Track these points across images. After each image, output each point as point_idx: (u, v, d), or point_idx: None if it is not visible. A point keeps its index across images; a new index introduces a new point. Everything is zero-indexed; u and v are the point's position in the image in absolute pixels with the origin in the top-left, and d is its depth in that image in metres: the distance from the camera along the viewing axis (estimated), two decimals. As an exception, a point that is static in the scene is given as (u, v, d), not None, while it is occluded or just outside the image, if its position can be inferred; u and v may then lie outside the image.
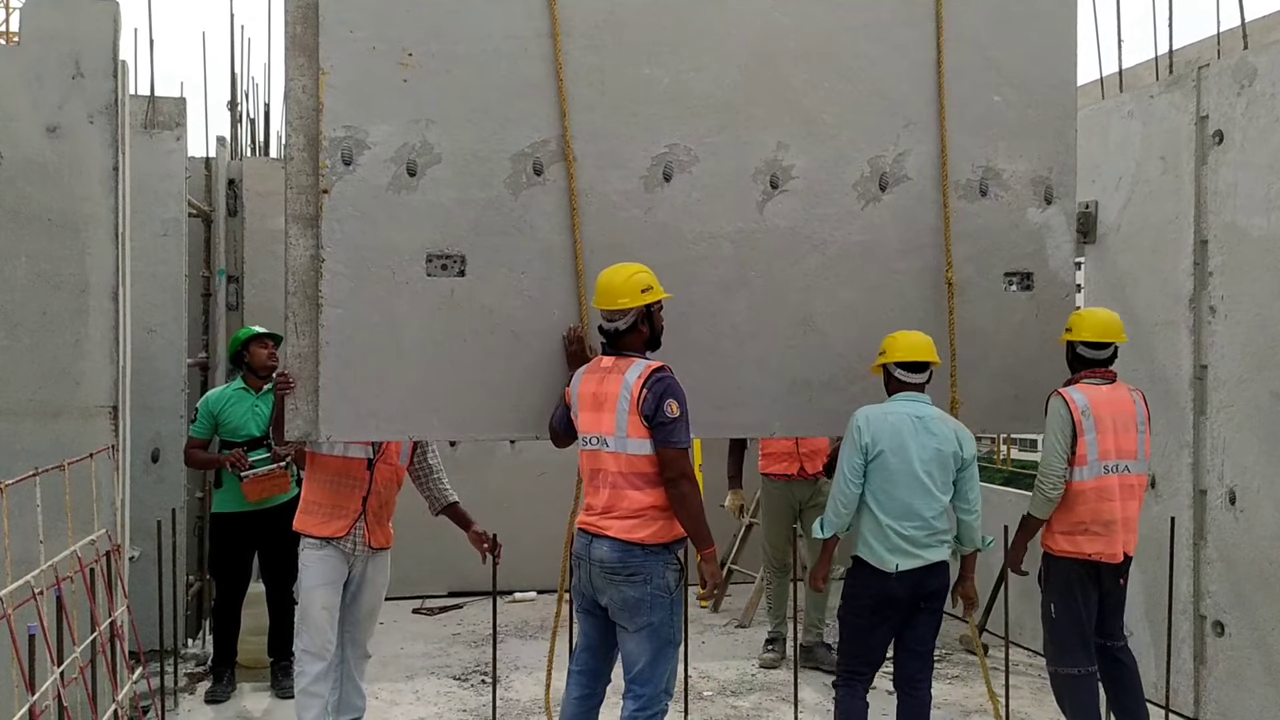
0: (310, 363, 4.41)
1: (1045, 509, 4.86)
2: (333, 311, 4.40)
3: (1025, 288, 5.25)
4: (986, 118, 5.16)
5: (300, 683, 4.81)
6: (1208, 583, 5.70)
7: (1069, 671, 4.90)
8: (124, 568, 4.99)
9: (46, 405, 5.02)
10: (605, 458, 4.16)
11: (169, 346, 6.79)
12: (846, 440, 4.54)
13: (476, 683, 6.45)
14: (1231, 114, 5.56)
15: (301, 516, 4.92)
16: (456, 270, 4.53)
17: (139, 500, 6.15)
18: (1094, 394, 4.85)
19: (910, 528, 4.48)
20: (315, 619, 4.79)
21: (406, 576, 8.54)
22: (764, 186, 4.89)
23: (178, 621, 6.05)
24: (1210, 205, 5.69)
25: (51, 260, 5.02)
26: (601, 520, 4.16)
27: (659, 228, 4.77)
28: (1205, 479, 5.70)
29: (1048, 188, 5.25)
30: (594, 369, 4.29)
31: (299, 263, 4.44)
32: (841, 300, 4.97)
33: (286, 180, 4.45)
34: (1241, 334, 5.51)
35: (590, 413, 4.21)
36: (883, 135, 5.02)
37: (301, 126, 4.43)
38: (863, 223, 5.01)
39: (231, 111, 8.74)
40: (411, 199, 4.49)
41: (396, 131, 4.47)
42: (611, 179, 4.72)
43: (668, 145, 4.77)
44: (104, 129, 5.08)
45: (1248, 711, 5.45)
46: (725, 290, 4.85)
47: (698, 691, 6.27)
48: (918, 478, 4.48)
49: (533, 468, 8.65)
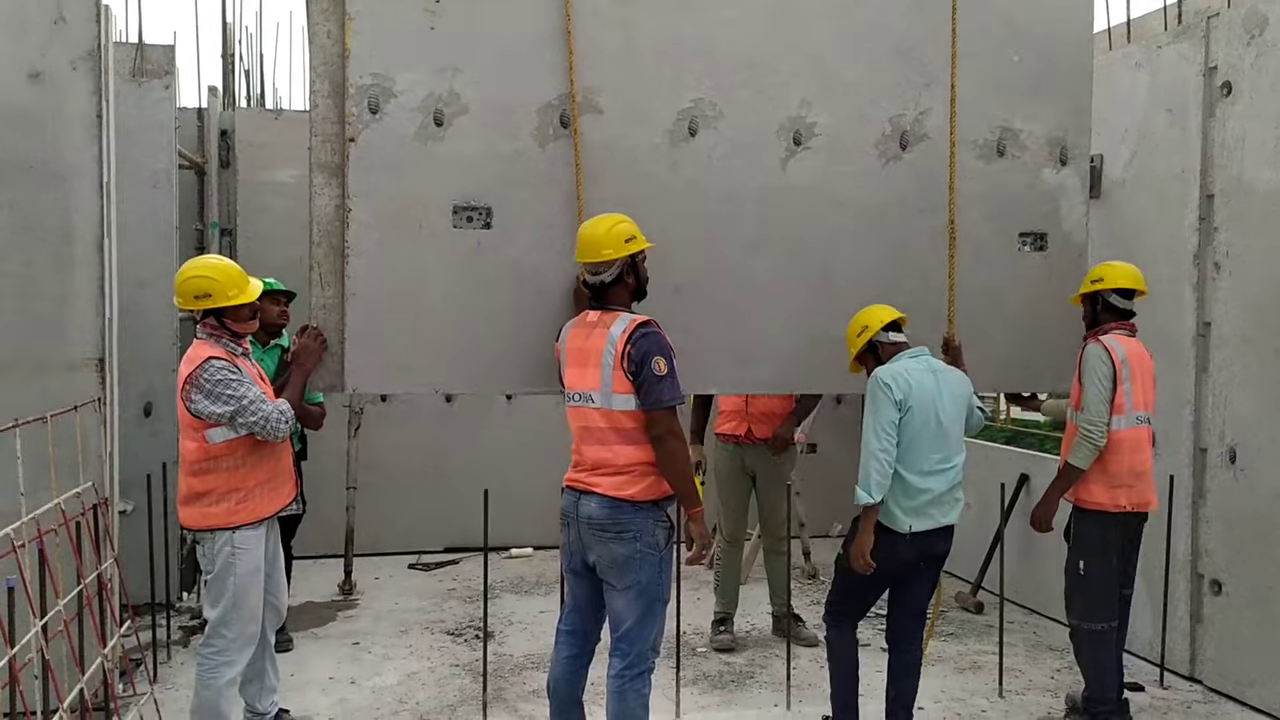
0: (336, 314, 4.38)
1: (1090, 458, 4.84)
2: (358, 262, 4.35)
3: (1039, 248, 5.24)
4: (1005, 78, 5.13)
5: (226, 673, 4.39)
6: (1206, 541, 5.65)
7: (1094, 627, 4.95)
8: (112, 521, 4.94)
9: (33, 357, 4.95)
10: (591, 414, 4.07)
11: (159, 299, 6.68)
12: (875, 399, 4.40)
13: (470, 638, 6.44)
14: (1240, 65, 5.43)
15: (241, 507, 4.36)
16: (483, 222, 4.49)
17: (132, 454, 6.09)
18: (1128, 344, 4.92)
19: (933, 483, 4.41)
20: (253, 606, 4.42)
21: (404, 532, 8.60)
22: (787, 143, 4.86)
23: (169, 575, 6.02)
24: (1217, 158, 5.58)
25: (35, 210, 4.93)
26: (590, 477, 4.09)
27: (684, 183, 4.74)
28: (1206, 437, 5.64)
29: (1063, 149, 5.22)
30: (580, 323, 4.19)
31: (324, 212, 4.37)
32: (862, 258, 4.95)
33: (311, 128, 4.37)
34: (1246, 291, 5.42)
35: (576, 368, 4.12)
36: (904, 94, 5.00)
37: (326, 73, 4.36)
38: (883, 181, 4.99)
39: (224, 61, 8.59)
40: (438, 149, 4.43)
41: (423, 80, 4.41)
42: (637, 133, 4.68)
43: (693, 100, 4.73)
44: (87, 76, 4.97)
45: (1243, 670, 5.42)
46: (748, 247, 4.83)
47: (691, 647, 6.26)
48: (944, 430, 4.44)
49: (530, 423, 8.61)
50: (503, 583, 7.78)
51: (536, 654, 6.11)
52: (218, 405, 4.22)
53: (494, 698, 5.36)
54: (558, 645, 4.36)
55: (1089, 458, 4.85)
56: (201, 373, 4.22)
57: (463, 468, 8.39)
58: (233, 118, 8.17)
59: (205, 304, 4.34)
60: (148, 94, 6.73)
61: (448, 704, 5.36)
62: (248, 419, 4.25)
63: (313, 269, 4.38)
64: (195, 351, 4.33)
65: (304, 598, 7.26)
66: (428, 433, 8.62)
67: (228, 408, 4.23)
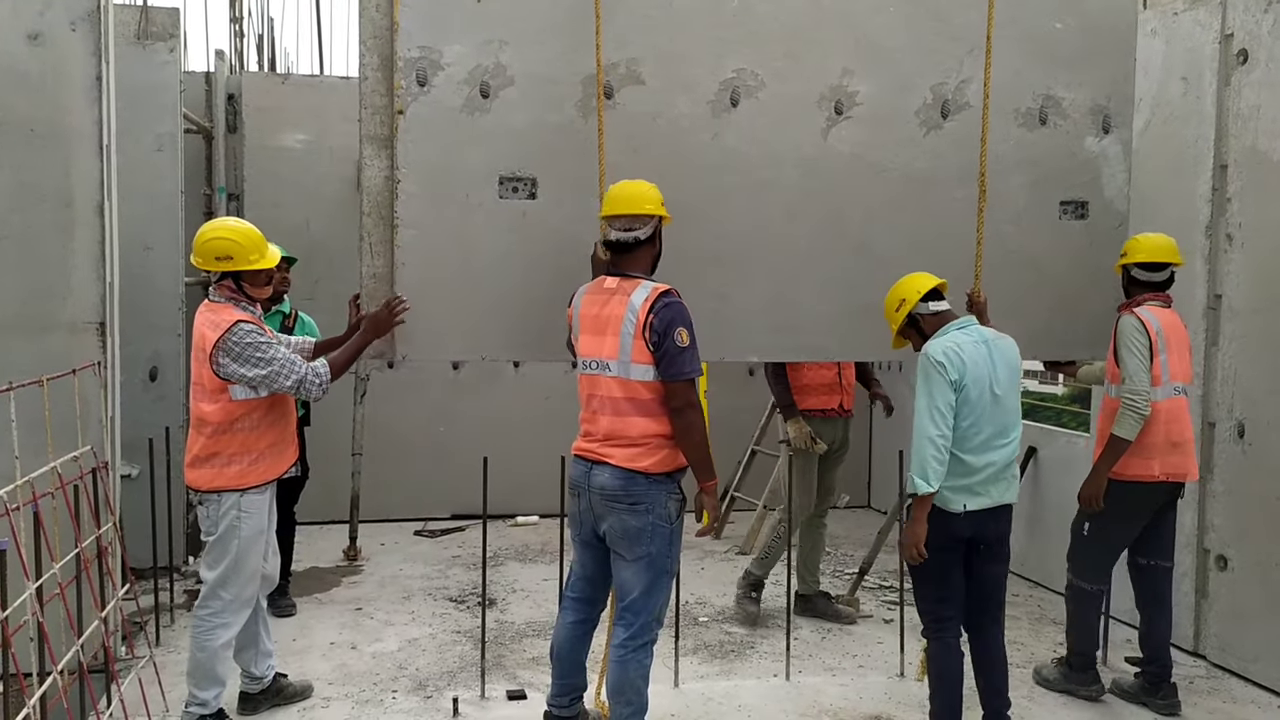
0: (385, 283, 4.49)
1: (1136, 428, 4.76)
2: (408, 232, 4.46)
3: (1080, 216, 5.27)
4: (1048, 45, 5.14)
5: (222, 635, 4.37)
6: (1212, 516, 5.59)
7: (1084, 586, 5.06)
8: (112, 485, 4.95)
9: (34, 320, 4.96)
10: (607, 382, 4.00)
11: (165, 264, 6.71)
12: (929, 380, 4.17)
13: (473, 604, 6.45)
14: (1258, 32, 5.32)
15: (252, 470, 4.36)
16: (528, 192, 4.58)
17: (137, 419, 6.12)
18: (1162, 315, 4.88)
19: (993, 457, 4.19)
20: (253, 569, 4.42)
21: (410, 499, 8.62)
22: (829, 113, 4.91)
23: (173, 539, 6.04)
24: (1232, 128, 5.47)
25: (35, 172, 4.92)
26: (602, 447, 4.03)
27: (725, 152, 4.79)
28: (1214, 411, 5.57)
29: (1105, 116, 5.25)
30: (596, 289, 4.11)
31: (374, 183, 4.47)
32: (901, 227, 4.98)
33: (360, 100, 4.46)
34: (1258, 263, 5.33)
35: (592, 335, 4.05)
36: (945, 62, 5.02)
37: (375, 46, 4.45)
38: (924, 150, 5.02)
39: (231, 25, 8.55)
40: (485, 121, 4.52)
41: (470, 52, 4.49)
42: (679, 103, 4.74)
43: (735, 70, 4.78)
44: (86, 37, 4.95)
45: (1248, 646, 5.38)
46: (789, 215, 4.88)
47: (693, 616, 6.25)
48: (1000, 403, 4.22)
49: (538, 391, 8.61)
50: (507, 550, 7.79)
51: (538, 622, 6.12)
52: (249, 368, 4.22)
53: (493, 664, 5.37)
54: (563, 610, 4.36)
55: (1135, 428, 4.77)
56: (230, 335, 4.19)
57: (469, 435, 8.40)
58: (240, 81, 8.12)
59: (225, 266, 4.32)
60: (152, 57, 6.69)
61: (447, 670, 5.37)
62: (282, 382, 4.26)
63: (363, 239, 4.49)
64: (219, 315, 4.27)
65: (309, 563, 7.29)
66: (434, 399, 8.62)
67: (259, 370, 4.22)
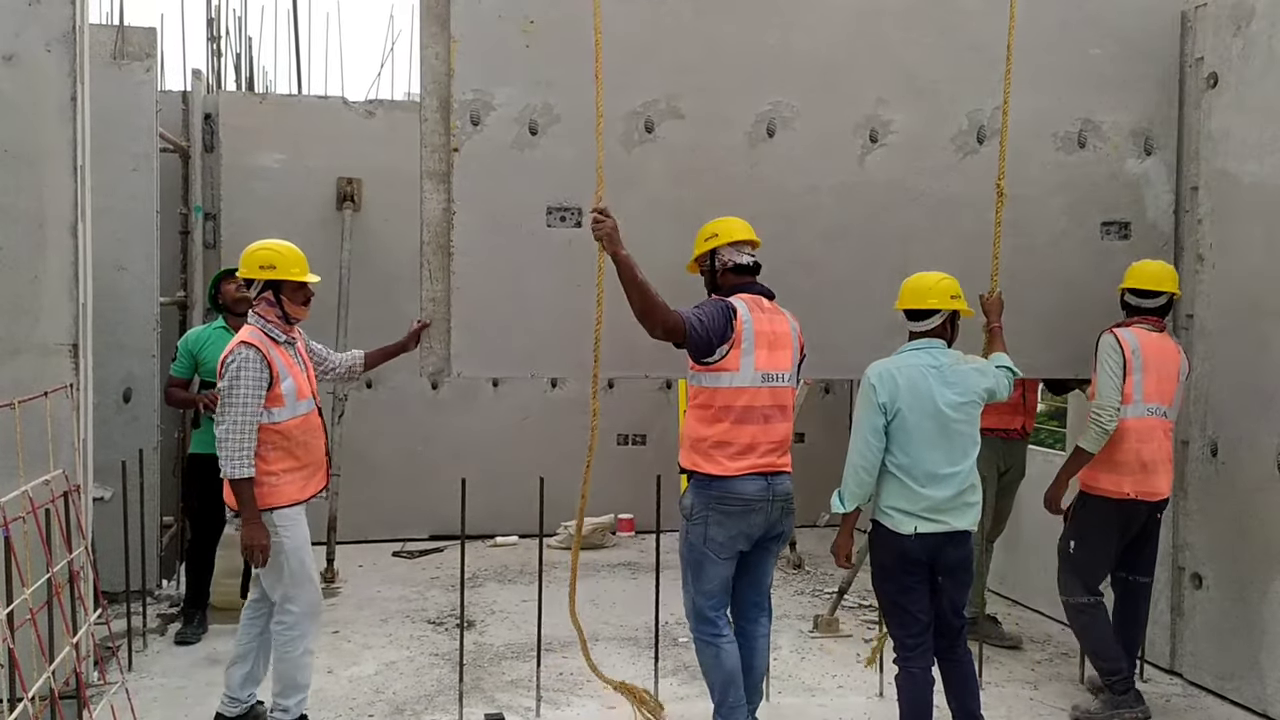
0: (443, 306, 4.84)
1: (1099, 442, 4.93)
2: (463, 259, 4.81)
3: (1123, 237, 5.40)
4: (1086, 71, 5.31)
5: (302, 644, 4.62)
6: (1187, 534, 5.62)
7: (1074, 601, 5.11)
8: (84, 509, 4.90)
9: (5, 342, 4.90)
10: (786, 393, 4.38)
11: (140, 284, 6.66)
12: (863, 399, 4.28)
13: (452, 627, 6.41)
14: (1227, 56, 5.38)
15: (276, 491, 4.51)
16: (574, 221, 4.85)
17: (111, 441, 6.07)
18: (1144, 338, 5.00)
19: (936, 490, 4.18)
20: (311, 577, 4.63)
21: (387, 519, 8.57)
22: (864, 140, 5.11)
23: (147, 563, 5.98)
24: (1202, 150, 5.54)
25: (8, 193, 4.87)
26: (780, 458, 4.34)
27: (762, 181, 5.01)
28: (1188, 430, 5.60)
29: (1148, 138, 5.42)
30: (756, 307, 4.33)
31: (433, 215, 4.82)
32: (937, 250, 5.06)
33: (421, 140, 4.81)
34: (1229, 284, 5.38)
35: (770, 350, 4.31)
36: (980, 89, 5.16)
37: (435, 90, 4.81)
38: (959, 175, 5.18)
39: (209, 44, 8.52)
40: (533, 156, 4.85)
41: (519, 93, 4.82)
42: (718, 136, 4.98)
43: (771, 103, 5.02)
44: (62, 58, 4.91)
45: (1223, 664, 5.40)
46: (826, 240, 5.09)
47: (673, 637, 6.22)
48: (946, 432, 4.21)
49: (515, 412, 8.59)
50: (486, 571, 7.76)
51: (517, 644, 6.09)
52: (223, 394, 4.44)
53: (471, 688, 5.33)
54: (723, 634, 4.35)
55: (1098, 442, 4.93)
56: (227, 357, 4.47)
57: (448, 455, 8.37)
58: (217, 101, 8.09)
59: (269, 274, 4.57)
60: (129, 77, 6.65)
61: (424, 694, 5.33)
62: (224, 425, 4.43)
63: (423, 266, 4.84)
64: (239, 334, 4.57)
65: (285, 585, 7.22)
66: (412, 419, 8.59)
67: (222, 401, 4.43)
